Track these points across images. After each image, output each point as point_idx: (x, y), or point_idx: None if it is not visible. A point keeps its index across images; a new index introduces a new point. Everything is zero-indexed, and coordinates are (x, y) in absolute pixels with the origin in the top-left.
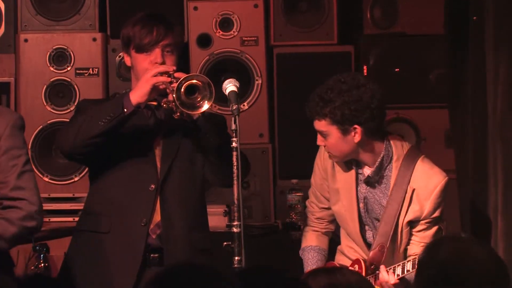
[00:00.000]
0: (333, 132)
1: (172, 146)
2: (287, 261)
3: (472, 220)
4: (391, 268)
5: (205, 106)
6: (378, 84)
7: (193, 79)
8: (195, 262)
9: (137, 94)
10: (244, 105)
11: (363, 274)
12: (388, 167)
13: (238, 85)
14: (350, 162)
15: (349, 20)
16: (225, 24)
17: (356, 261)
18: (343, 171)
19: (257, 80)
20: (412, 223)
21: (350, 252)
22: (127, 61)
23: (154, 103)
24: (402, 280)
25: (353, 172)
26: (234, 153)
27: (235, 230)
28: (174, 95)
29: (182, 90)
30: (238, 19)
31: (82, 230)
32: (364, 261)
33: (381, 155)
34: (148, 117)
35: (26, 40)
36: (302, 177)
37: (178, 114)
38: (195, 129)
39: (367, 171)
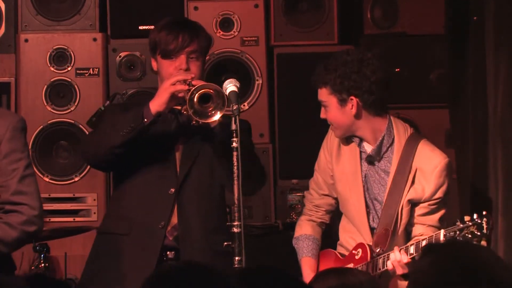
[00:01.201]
0: (332, 102)
1: (192, 151)
2: (287, 261)
3: None
4: (402, 248)
5: (217, 116)
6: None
7: (207, 88)
8: (193, 262)
9: (156, 103)
10: (244, 105)
11: (368, 257)
12: (390, 148)
13: (238, 85)
14: (354, 140)
15: (349, 20)
16: (226, 24)
17: (359, 245)
18: (348, 149)
19: (257, 80)
20: (414, 204)
21: (349, 243)
22: (154, 66)
23: (178, 107)
24: (413, 259)
25: (357, 150)
26: (235, 153)
27: (235, 230)
28: (187, 103)
29: (195, 99)
30: (238, 19)
31: (103, 233)
32: (369, 245)
33: (382, 134)
34: (171, 121)
35: (26, 40)
36: (302, 177)
37: (194, 122)
38: (213, 135)
39: (368, 148)
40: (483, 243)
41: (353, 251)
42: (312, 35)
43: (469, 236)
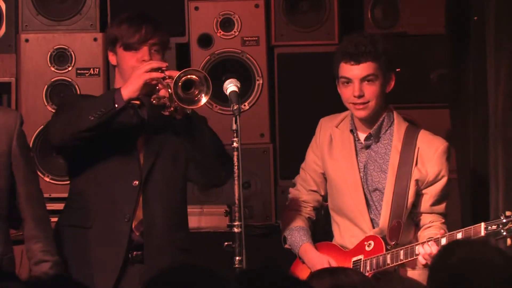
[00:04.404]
0: (380, 77)
1: (155, 145)
2: (288, 261)
3: (473, 220)
4: (431, 239)
5: (203, 99)
6: None
7: (191, 74)
8: (193, 264)
9: (129, 89)
10: (245, 105)
11: (383, 249)
12: (388, 130)
13: (239, 85)
14: (349, 133)
15: (350, 20)
16: (226, 24)
17: (370, 237)
18: (341, 144)
19: (258, 80)
20: (419, 188)
21: (351, 242)
22: (113, 60)
23: (137, 102)
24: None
25: (351, 143)
26: (235, 153)
27: (236, 230)
28: (171, 90)
29: (180, 84)
30: (239, 19)
31: (65, 225)
32: (382, 237)
33: (383, 116)
34: (131, 116)
35: (27, 40)
36: None
37: (171, 109)
38: (187, 126)
39: (362, 137)
40: None
41: (364, 243)
42: (313, 35)
43: None
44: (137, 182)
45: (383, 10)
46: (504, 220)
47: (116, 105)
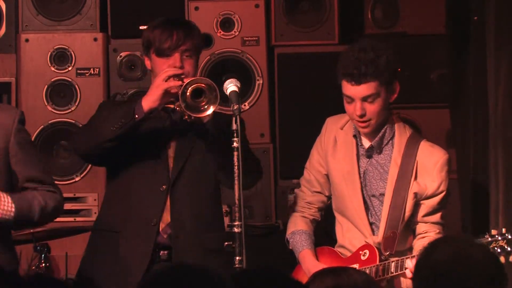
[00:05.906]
0: (382, 93)
1: (185, 148)
2: (288, 261)
3: (473, 220)
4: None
5: (210, 110)
6: None
7: (199, 83)
8: (189, 264)
9: (149, 100)
10: (245, 105)
11: (377, 260)
12: (390, 142)
13: (239, 85)
14: (352, 137)
15: (350, 20)
16: (226, 24)
17: (366, 247)
18: (344, 147)
19: (258, 80)
20: (418, 200)
21: (352, 244)
22: (148, 64)
23: (171, 106)
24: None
25: (353, 147)
26: (235, 153)
27: (236, 230)
28: (180, 98)
29: (188, 93)
30: (239, 19)
31: (98, 229)
32: (377, 248)
33: (385, 128)
34: (164, 119)
35: (27, 40)
36: None
37: (187, 116)
38: (205, 132)
39: (366, 143)
40: None
41: (359, 252)
42: (313, 35)
43: (498, 250)
44: (164, 187)
45: (383, 10)
46: (489, 239)
47: (136, 116)
